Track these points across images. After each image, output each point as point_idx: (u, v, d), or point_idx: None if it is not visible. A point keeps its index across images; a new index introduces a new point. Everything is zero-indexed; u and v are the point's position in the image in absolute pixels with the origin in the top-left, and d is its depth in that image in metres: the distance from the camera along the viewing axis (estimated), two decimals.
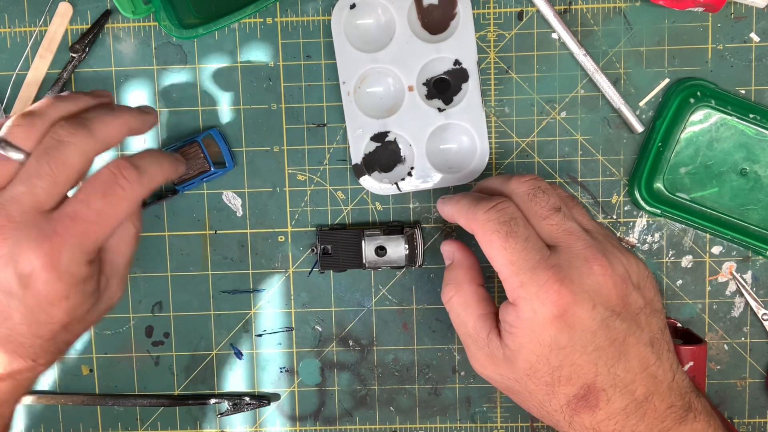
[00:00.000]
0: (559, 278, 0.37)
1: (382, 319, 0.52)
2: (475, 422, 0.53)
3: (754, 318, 0.51)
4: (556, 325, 0.38)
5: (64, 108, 0.40)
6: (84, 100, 0.41)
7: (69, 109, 0.40)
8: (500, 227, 0.39)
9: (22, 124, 0.38)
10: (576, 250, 0.39)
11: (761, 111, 0.48)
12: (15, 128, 0.38)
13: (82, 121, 0.39)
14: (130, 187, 0.39)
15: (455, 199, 0.43)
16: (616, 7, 0.49)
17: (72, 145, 0.38)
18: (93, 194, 0.38)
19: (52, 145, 0.38)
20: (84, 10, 0.50)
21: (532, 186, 0.41)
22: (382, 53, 0.49)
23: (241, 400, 0.52)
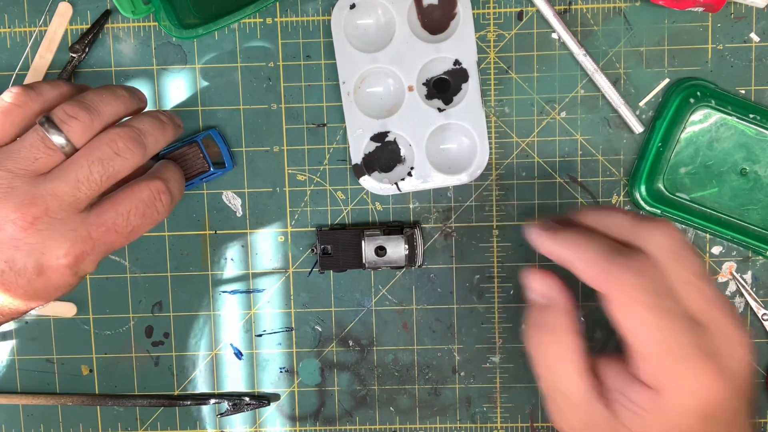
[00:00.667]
0: (716, 370, 0.34)
1: (382, 319, 0.52)
2: (475, 422, 0.53)
3: (754, 318, 0.51)
4: (702, 419, 0.34)
5: (116, 108, 0.41)
6: (131, 103, 0.42)
7: (120, 111, 0.41)
8: (651, 299, 0.34)
9: (81, 119, 0.38)
10: (725, 330, 0.35)
11: (761, 111, 0.48)
12: (72, 121, 0.38)
13: (138, 136, 0.40)
14: (163, 210, 0.42)
15: (569, 238, 0.38)
16: (616, 7, 0.49)
17: (127, 162, 0.39)
18: (133, 212, 0.40)
19: (108, 156, 0.38)
20: (84, 10, 0.50)
21: (674, 241, 0.35)
22: (382, 53, 0.49)
23: (241, 401, 0.52)
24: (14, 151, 0.38)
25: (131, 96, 0.43)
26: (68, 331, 0.53)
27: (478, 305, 0.52)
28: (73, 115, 0.38)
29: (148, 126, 0.41)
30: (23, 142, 0.38)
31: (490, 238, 0.51)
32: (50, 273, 0.38)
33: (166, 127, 0.42)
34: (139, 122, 0.41)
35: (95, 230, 0.39)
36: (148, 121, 0.41)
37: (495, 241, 0.51)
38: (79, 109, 0.39)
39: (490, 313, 0.52)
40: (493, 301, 0.52)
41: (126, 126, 0.40)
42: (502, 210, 0.51)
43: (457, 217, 0.51)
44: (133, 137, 0.40)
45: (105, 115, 0.40)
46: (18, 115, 0.39)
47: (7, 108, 0.39)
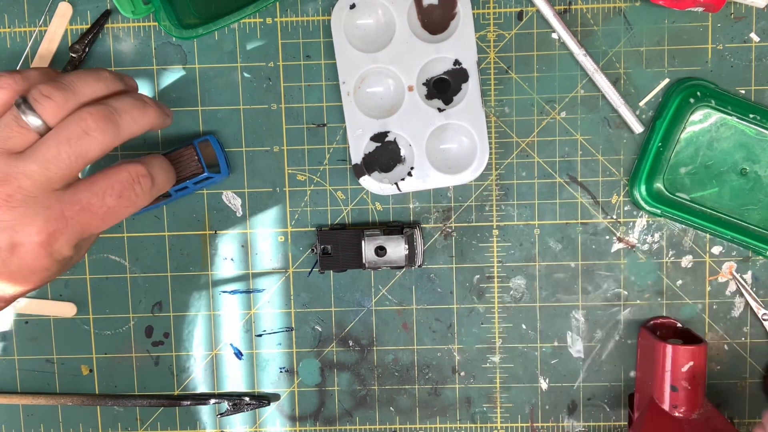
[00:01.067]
0: None
1: (382, 319, 0.52)
2: (475, 422, 0.53)
3: (754, 318, 0.51)
4: None
5: (96, 89, 0.40)
6: (114, 85, 0.42)
7: (99, 92, 0.41)
8: None
9: (55, 98, 0.38)
10: None
11: (761, 111, 0.48)
12: (45, 101, 0.38)
13: (110, 114, 0.39)
14: (142, 194, 0.41)
15: None
16: (616, 7, 0.49)
17: (96, 141, 0.39)
18: (109, 192, 0.40)
19: (76, 135, 0.38)
20: (84, 10, 0.50)
21: None
22: (382, 53, 0.49)
23: (241, 401, 0.52)
24: None
25: (115, 78, 0.42)
26: (68, 331, 0.53)
27: (478, 305, 0.52)
28: (47, 95, 0.38)
29: (126, 105, 0.40)
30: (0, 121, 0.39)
31: (490, 238, 0.51)
32: (23, 252, 0.38)
33: (147, 108, 0.41)
34: (116, 101, 0.40)
35: (69, 209, 0.39)
36: (127, 100, 0.41)
37: (495, 241, 0.51)
38: (53, 89, 0.38)
39: (490, 313, 0.52)
40: (493, 301, 0.52)
41: (100, 104, 0.39)
42: (502, 210, 0.51)
43: (457, 217, 0.51)
44: (104, 116, 0.39)
45: (82, 95, 0.39)
46: (2, 97, 0.39)
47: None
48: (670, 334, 0.50)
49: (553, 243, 0.51)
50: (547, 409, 0.52)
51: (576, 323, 0.52)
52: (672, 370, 0.46)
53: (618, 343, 0.52)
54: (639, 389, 0.50)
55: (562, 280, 0.51)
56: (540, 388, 0.52)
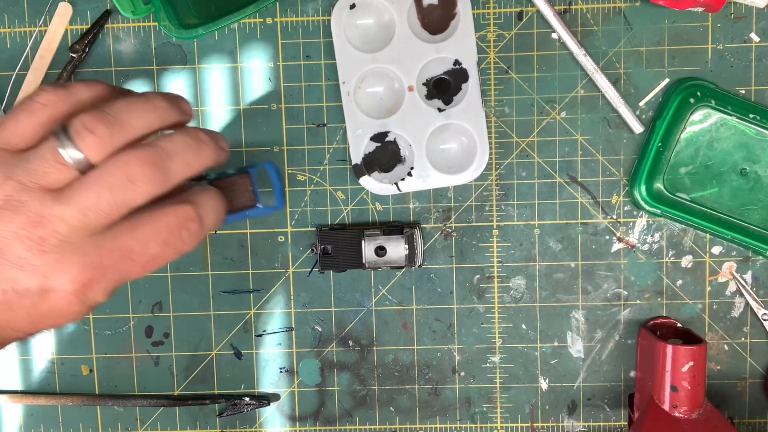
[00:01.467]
0: None
1: (382, 319, 0.52)
2: (475, 422, 0.53)
3: (754, 318, 0.51)
4: None
5: (147, 122, 0.35)
6: (168, 115, 0.37)
7: (151, 126, 0.36)
8: None
9: (99, 133, 0.33)
10: None
11: (761, 111, 0.48)
12: (88, 135, 0.33)
13: (160, 160, 0.34)
14: (189, 240, 0.36)
15: None
16: (616, 7, 0.49)
17: (141, 191, 0.34)
18: (153, 239, 0.35)
19: (119, 182, 0.33)
20: (84, 10, 0.50)
21: None
22: (382, 53, 0.49)
23: (241, 401, 0.52)
24: (28, 160, 0.34)
25: (171, 107, 0.37)
26: (68, 331, 0.53)
27: (478, 305, 0.52)
28: (90, 128, 0.33)
29: (179, 146, 0.35)
30: (36, 152, 0.34)
31: (490, 238, 0.51)
32: (54, 298, 0.35)
33: (203, 148, 0.36)
34: (169, 141, 0.35)
35: (108, 257, 0.34)
36: (181, 139, 0.36)
37: (495, 241, 0.51)
38: (98, 121, 0.34)
39: (490, 313, 0.52)
40: (493, 301, 0.52)
41: (148, 147, 0.34)
42: (502, 210, 0.51)
43: (457, 217, 0.51)
44: (152, 162, 0.34)
45: (130, 129, 0.35)
46: (43, 115, 0.35)
47: (33, 107, 0.35)
48: (670, 334, 0.50)
49: (553, 243, 0.51)
50: (547, 409, 0.52)
51: (576, 323, 0.52)
52: (672, 370, 0.46)
53: (618, 343, 0.52)
54: (639, 389, 0.50)
55: (562, 280, 0.51)
56: (540, 388, 0.52)
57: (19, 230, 0.33)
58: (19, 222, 0.33)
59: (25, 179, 0.34)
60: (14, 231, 0.33)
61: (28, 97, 0.35)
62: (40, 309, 0.35)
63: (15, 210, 0.33)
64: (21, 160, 0.34)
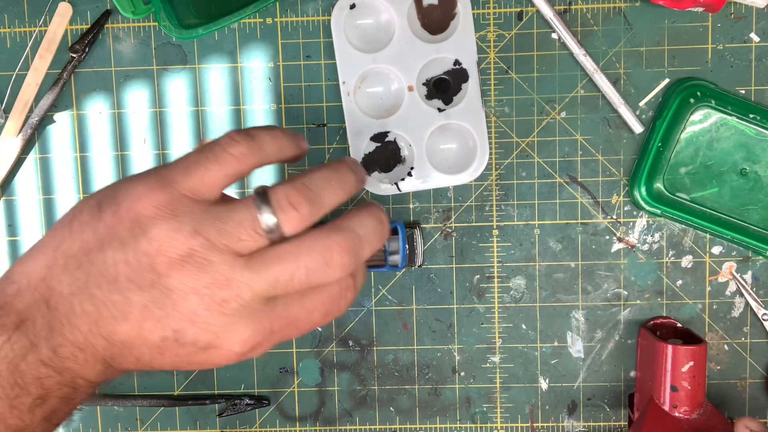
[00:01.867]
0: None
1: (382, 319, 0.52)
2: (475, 422, 0.53)
3: (754, 318, 0.51)
4: None
5: (339, 200, 0.35)
6: (354, 189, 0.37)
7: (340, 203, 0.36)
8: None
9: (302, 211, 0.33)
10: None
11: (761, 111, 0.48)
12: (291, 212, 0.33)
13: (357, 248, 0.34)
14: (344, 308, 0.37)
15: None
16: (616, 7, 0.49)
17: (332, 276, 0.34)
18: (318, 309, 0.35)
19: (316, 266, 0.33)
20: (84, 10, 0.50)
21: None
22: (382, 53, 0.49)
23: (240, 401, 0.52)
24: (221, 219, 0.33)
25: (358, 183, 0.37)
26: None
27: (478, 305, 0.52)
28: (294, 204, 0.33)
29: (370, 232, 0.35)
30: (232, 214, 0.33)
31: (490, 238, 0.51)
32: (216, 354, 0.34)
33: (384, 231, 0.36)
34: (361, 226, 0.35)
35: (277, 323, 0.35)
36: (371, 225, 0.35)
37: (495, 241, 0.51)
38: (303, 199, 0.34)
39: (490, 313, 0.52)
40: (493, 301, 0.52)
41: (347, 233, 0.34)
42: (502, 210, 0.51)
43: (457, 217, 0.51)
44: (351, 250, 0.34)
45: (326, 207, 0.35)
46: (233, 168, 0.35)
47: (224, 159, 0.34)
48: (670, 334, 0.50)
49: (553, 243, 0.51)
50: (547, 409, 0.52)
51: (576, 323, 0.52)
52: (672, 370, 0.46)
53: (618, 343, 0.52)
54: (639, 389, 0.50)
55: (562, 280, 0.51)
56: (540, 388, 0.52)
57: (201, 288, 0.33)
58: (203, 280, 0.33)
59: (216, 239, 0.33)
60: (195, 287, 0.33)
61: (218, 144, 0.35)
62: (193, 358, 0.35)
63: (200, 267, 0.33)
64: (211, 216, 0.34)
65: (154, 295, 0.33)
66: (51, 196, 0.52)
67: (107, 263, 0.33)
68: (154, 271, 0.33)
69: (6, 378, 0.33)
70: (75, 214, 0.35)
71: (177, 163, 0.35)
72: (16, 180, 0.52)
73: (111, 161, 0.51)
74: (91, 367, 0.35)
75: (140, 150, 0.51)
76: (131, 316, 0.33)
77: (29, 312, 0.33)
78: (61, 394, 0.34)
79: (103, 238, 0.34)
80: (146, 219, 0.33)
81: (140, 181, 0.34)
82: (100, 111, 0.51)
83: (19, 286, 0.34)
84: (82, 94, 0.51)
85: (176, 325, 0.33)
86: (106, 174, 0.51)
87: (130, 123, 0.51)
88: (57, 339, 0.33)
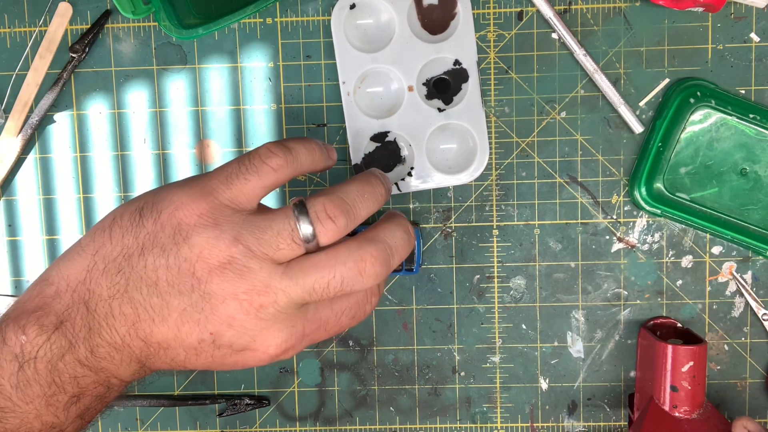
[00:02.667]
0: None
1: (382, 319, 0.52)
2: (475, 422, 0.53)
3: (754, 318, 0.51)
4: None
5: (370, 211, 0.38)
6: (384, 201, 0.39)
7: (371, 214, 0.38)
8: None
9: (338, 223, 0.36)
10: None
11: (761, 111, 0.48)
12: (328, 223, 0.35)
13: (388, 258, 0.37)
14: (369, 313, 0.39)
15: None
16: (616, 7, 0.49)
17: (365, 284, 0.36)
18: (346, 313, 0.38)
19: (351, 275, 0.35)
20: (84, 10, 0.50)
21: None
22: (382, 53, 0.49)
23: (240, 401, 0.52)
24: (260, 228, 0.35)
25: (387, 194, 0.39)
26: None
27: (478, 305, 0.52)
28: (331, 216, 0.36)
29: (400, 243, 0.37)
30: (271, 224, 0.35)
31: (490, 238, 0.51)
32: (249, 356, 0.36)
33: (412, 241, 0.39)
34: (393, 237, 0.37)
35: (308, 327, 0.37)
36: (400, 236, 0.38)
37: (495, 241, 0.51)
38: (340, 211, 0.36)
39: (490, 313, 0.52)
40: (493, 301, 0.52)
41: (380, 244, 0.36)
42: (502, 210, 0.51)
43: (457, 217, 0.51)
44: (383, 260, 0.36)
45: (360, 219, 0.37)
46: (270, 179, 0.37)
47: (263, 170, 0.36)
48: (670, 334, 0.50)
49: (553, 243, 0.51)
50: (547, 409, 0.52)
51: (576, 323, 0.52)
52: (672, 370, 0.46)
53: (618, 343, 0.52)
54: (639, 389, 0.50)
55: (562, 280, 0.51)
56: (540, 388, 0.52)
57: (240, 293, 0.35)
58: (242, 286, 0.34)
59: (255, 247, 0.35)
60: (234, 293, 0.35)
61: (256, 156, 0.37)
62: (227, 360, 0.36)
63: (240, 274, 0.35)
64: (251, 225, 0.35)
65: (193, 299, 0.35)
66: (51, 196, 0.52)
67: (148, 268, 0.35)
68: (194, 277, 0.34)
69: (44, 376, 0.34)
70: (115, 219, 0.36)
71: (217, 173, 0.37)
72: (16, 180, 0.52)
73: (111, 161, 0.51)
74: (126, 366, 0.36)
75: (140, 150, 0.51)
76: (170, 318, 0.35)
77: (68, 313, 0.35)
78: (95, 392, 0.36)
79: (144, 244, 0.35)
80: (188, 227, 0.35)
81: (181, 190, 0.36)
82: (100, 111, 0.51)
83: (58, 288, 0.35)
84: (82, 94, 0.51)
85: (214, 328, 0.35)
86: (106, 174, 0.51)
87: (130, 123, 0.51)
88: (95, 340, 0.35)
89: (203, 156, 0.51)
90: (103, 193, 0.52)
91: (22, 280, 0.52)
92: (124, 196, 0.52)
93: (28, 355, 0.34)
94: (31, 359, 0.34)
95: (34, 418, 0.34)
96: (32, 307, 0.35)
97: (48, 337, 0.34)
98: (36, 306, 0.35)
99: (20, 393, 0.34)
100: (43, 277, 0.36)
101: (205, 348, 0.36)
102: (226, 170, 0.37)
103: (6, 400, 0.34)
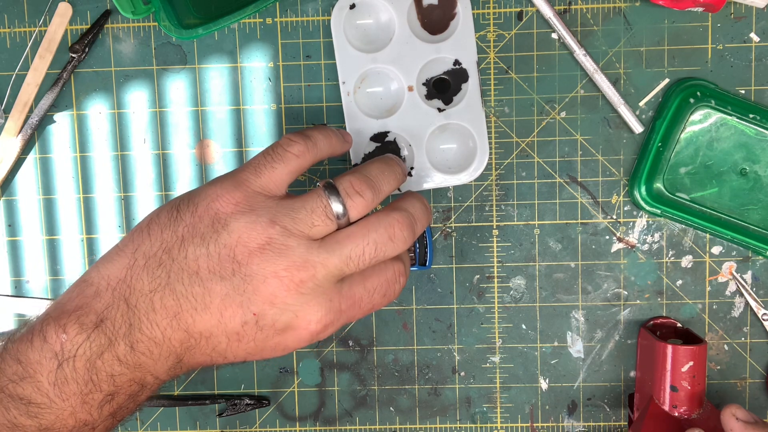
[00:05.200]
0: None
1: (382, 319, 0.52)
2: (475, 422, 0.53)
3: (754, 318, 0.51)
4: None
5: (392, 188, 0.41)
6: (403, 179, 0.43)
7: (393, 190, 0.41)
8: None
9: (365, 197, 0.39)
10: None
11: (761, 111, 0.48)
12: (357, 198, 0.38)
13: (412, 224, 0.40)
14: (398, 292, 0.41)
15: None
16: (616, 7, 0.49)
17: (395, 248, 0.39)
18: (378, 290, 0.40)
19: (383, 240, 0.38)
20: (84, 10, 0.50)
21: None
22: (382, 53, 0.49)
23: (240, 401, 0.52)
24: (294, 209, 0.38)
25: (404, 174, 0.43)
26: None
27: (478, 305, 0.52)
28: (359, 191, 0.38)
29: (419, 212, 0.41)
30: (304, 204, 0.38)
31: (490, 238, 0.51)
32: (292, 336, 0.38)
33: (429, 212, 0.42)
34: (413, 207, 0.40)
35: (345, 302, 0.39)
36: (419, 206, 0.41)
37: (495, 241, 0.51)
38: (366, 186, 0.39)
39: (490, 313, 0.52)
40: (493, 301, 0.52)
41: (405, 212, 0.39)
42: (502, 210, 0.51)
43: (457, 217, 0.51)
44: (409, 225, 0.39)
45: (383, 194, 0.40)
46: (294, 165, 0.39)
47: (287, 157, 0.39)
48: (670, 334, 0.50)
49: (553, 243, 0.51)
50: (547, 409, 0.52)
51: (576, 323, 0.52)
52: (672, 370, 0.46)
53: (618, 343, 0.52)
54: (639, 389, 0.50)
55: (562, 280, 0.51)
56: (540, 388, 0.52)
57: (281, 271, 0.36)
58: (282, 264, 0.36)
59: (291, 226, 0.37)
60: (275, 271, 0.36)
61: (279, 146, 0.40)
62: (268, 342, 0.38)
63: (279, 252, 0.37)
64: (285, 207, 0.38)
65: (235, 283, 0.36)
66: (51, 196, 0.52)
67: (188, 258, 0.36)
68: (234, 261, 0.36)
69: (82, 375, 0.35)
70: (152, 219, 0.38)
71: (245, 166, 0.39)
72: (16, 180, 0.52)
73: (111, 161, 0.51)
74: (164, 361, 0.37)
75: (140, 150, 0.51)
76: (212, 305, 0.36)
77: (108, 312, 0.36)
78: (129, 391, 0.37)
79: (184, 236, 0.37)
80: (225, 215, 0.37)
81: (215, 185, 0.38)
82: (100, 111, 0.51)
83: (98, 287, 0.37)
84: (82, 94, 0.51)
85: (256, 308, 0.36)
86: (106, 174, 0.51)
87: (130, 123, 0.51)
88: (135, 335, 0.36)
89: (203, 156, 0.51)
90: (103, 193, 0.52)
91: (22, 280, 0.52)
92: (124, 196, 0.52)
93: (68, 353, 0.35)
94: (70, 357, 0.35)
95: (69, 415, 0.35)
96: (73, 306, 0.36)
97: (88, 335, 0.35)
98: (76, 306, 0.36)
99: (57, 390, 0.35)
100: (83, 279, 0.37)
101: (248, 331, 0.37)
102: (253, 162, 0.39)
103: (43, 396, 0.35)
